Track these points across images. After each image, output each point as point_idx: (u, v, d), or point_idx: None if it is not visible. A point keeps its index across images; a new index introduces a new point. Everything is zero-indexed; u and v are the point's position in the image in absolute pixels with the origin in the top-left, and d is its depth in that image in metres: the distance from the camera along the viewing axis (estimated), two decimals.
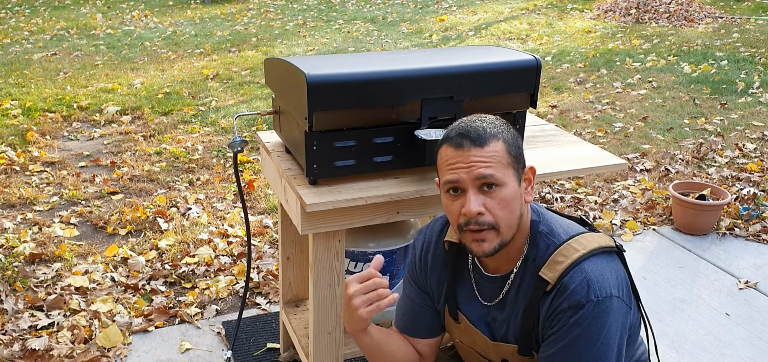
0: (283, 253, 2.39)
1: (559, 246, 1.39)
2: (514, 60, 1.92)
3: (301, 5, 11.43)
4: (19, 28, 9.15)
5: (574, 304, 1.32)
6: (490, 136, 1.36)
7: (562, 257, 1.37)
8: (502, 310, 1.46)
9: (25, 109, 5.49)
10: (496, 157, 1.35)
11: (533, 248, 1.42)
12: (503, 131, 1.38)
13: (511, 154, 1.37)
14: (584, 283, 1.32)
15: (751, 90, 6.19)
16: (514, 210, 1.37)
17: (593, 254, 1.37)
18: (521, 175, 1.40)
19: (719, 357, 2.65)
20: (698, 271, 3.27)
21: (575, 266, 1.35)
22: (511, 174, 1.37)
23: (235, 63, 7.30)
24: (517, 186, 1.38)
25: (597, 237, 1.42)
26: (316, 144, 1.77)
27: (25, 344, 2.56)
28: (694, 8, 10.04)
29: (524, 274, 1.42)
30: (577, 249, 1.37)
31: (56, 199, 3.90)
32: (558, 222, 1.45)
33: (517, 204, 1.38)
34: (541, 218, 1.45)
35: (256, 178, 4.19)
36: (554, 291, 1.36)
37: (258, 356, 2.61)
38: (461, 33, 9.10)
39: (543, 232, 1.42)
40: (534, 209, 1.46)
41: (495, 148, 1.35)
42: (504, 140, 1.37)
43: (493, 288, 1.48)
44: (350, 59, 1.94)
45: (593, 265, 1.35)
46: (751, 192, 3.99)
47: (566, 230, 1.43)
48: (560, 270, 1.36)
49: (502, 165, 1.35)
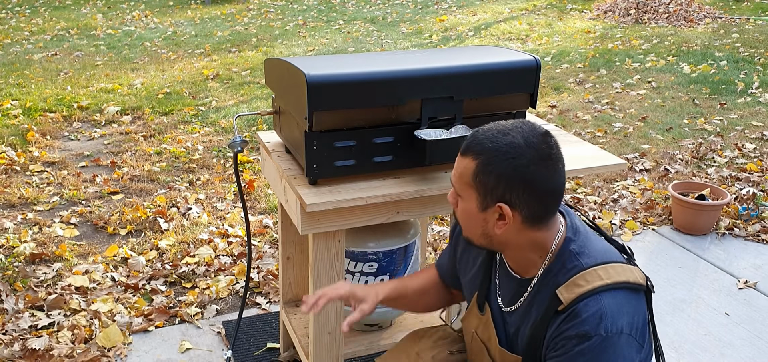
0: (283, 253, 2.39)
1: (584, 269, 1.34)
2: (513, 60, 1.92)
3: (301, 5, 11.43)
4: (20, 29, 9.15)
5: (582, 334, 1.28)
6: (469, 151, 1.35)
7: (583, 282, 1.33)
8: (516, 317, 1.45)
9: (25, 109, 5.49)
10: (461, 171, 1.37)
11: (558, 262, 1.37)
12: (496, 157, 1.31)
13: (477, 178, 1.33)
14: (597, 315, 1.28)
15: (751, 90, 6.19)
16: (472, 226, 1.39)
17: (616, 287, 1.32)
18: (489, 205, 1.34)
19: (719, 357, 2.66)
20: (698, 271, 3.27)
21: (593, 295, 1.30)
22: (472, 196, 1.35)
23: (235, 63, 7.31)
24: (476, 210, 1.36)
25: (627, 270, 1.36)
26: (316, 144, 1.78)
27: (25, 344, 2.56)
28: (694, 8, 10.05)
29: (542, 286, 1.39)
30: (600, 278, 1.32)
31: (57, 199, 3.91)
32: (593, 244, 1.39)
33: (477, 225, 1.38)
34: (577, 236, 1.39)
35: (257, 178, 4.19)
36: (565, 314, 1.32)
37: (258, 356, 2.61)
38: (461, 33, 9.11)
39: (573, 251, 1.37)
40: (571, 225, 1.41)
41: (465, 163, 1.36)
42: (480, 163, 1.33)
43: (512, 290, 1.46)
44: (350, 59, 1.94)
45: (611, 299, 1.30)
46: (751, 192, 4.00)
47: (598, 255, 1.37)
48: (577, 294, 1.32)
49: (463, 181, 1.36)
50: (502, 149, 1.31)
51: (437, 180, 1.91)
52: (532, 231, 1.36)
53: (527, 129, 1.33)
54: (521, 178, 1.30)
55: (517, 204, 1.32)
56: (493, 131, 1.34)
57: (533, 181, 1.30)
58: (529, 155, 1.30)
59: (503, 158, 1.31)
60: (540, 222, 1.35)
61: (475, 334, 1.56)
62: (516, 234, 1.36)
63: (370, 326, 2.27)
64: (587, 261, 1.35)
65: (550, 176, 1.32)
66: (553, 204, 1.35)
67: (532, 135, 1.32)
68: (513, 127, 1.34)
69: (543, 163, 1.30)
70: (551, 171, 1.32)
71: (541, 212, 1.34)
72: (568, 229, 1.40)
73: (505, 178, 1.31)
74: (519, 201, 1.32)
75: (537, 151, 1.30)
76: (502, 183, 1.31)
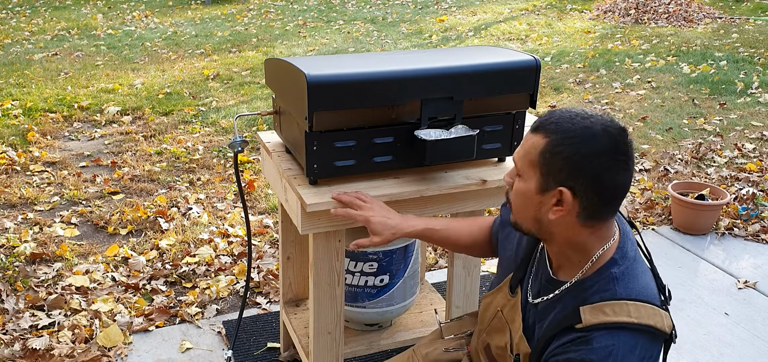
0: (284, 253, 2.40)
1: (616, 299, 1.29)
2: (513, 60, 1.93)
3: (301, 6, 11.44)
4: (20, 29, 9.15)
5: (587, 359, 1.25)
6: (543, 129, 1.29)
7: (610, 312, 1.27)
8: (537, 312, 1.43)
9: (25, 109, 5.50)
10: (528, 148, 1.31)
11: (594, 278, 1.33)
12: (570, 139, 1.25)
13: (543, 156, 1.28)
14: (607, 350, 1.24)
15: (750, 90, 6.20)
16: (525, 208, 1.34)
17: (639, 329, 1.26)
18: (550, 188, 1.29)
19: (719, 357, 2.66)
20: (697, 271, 3.27)
21: (614, 329, 1.25)
22: (534, 175, 1.30)
23: (235, 63, 7.31)
24: (534, 191, 1.31)
25: (658, 314, 1.29)
26: (317, 144, 1.78)
27: (25, 343, 2.57)
28: (694, 9, 10.05)
29: (571, 294, 1.35)
30: (629, 314, 1.27)
31: (57, 199, 3.91)
32: (636, 276, 1.33)
33: (531, 207, 1.32)
34: (623, 261, 1.33)
35: (257, 178, 4.19)
36: (577, 335, 1.28)
37: (258, 355, 2.61)
38: (461, 33, 9.11)
39: (613, 275, 1.31)
40: (622, 247, 1.35)
41: (534, 140, 1.30)
42: (551, 142, 1.27)
43: (543, 285, 1.43)
44: (350, 59, 1.95)
45: (629, 340, 1.25)
46: (750, 192, 4.00)
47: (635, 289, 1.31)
48: (600, 320, 1.27)
49: (527, 159, 1.31)
50: (577, 132, 1.25)
51: (437, 180, 1.92)
52: (583, 227, 1.31)
53: (607, 120, 1.27)
54: (590, 167, 1.24)
55: (578, 193, 1.26)
56: (572, 113, 1.29)
57: (601, 173, 1.24)
58: (604, 145, 1.24)
59: (577, 141, 1.25)
60: (595, 219, 1.30)
61: (500, 313, 1.52)
62: (568, 226, 1.31)
63: (370, 326, 2.28)
64: (622, 292, 1.30)
65: (619, 174, 1.26)
66: (613, 204, 1.30)
67: (612, 127, 1.26)
68: (592, 114, 1.29)
69: (615, 158, 1.25)
70: (621, 169, 1.26)
71: (599, 209, 1.29)
72: (617, 250, 1.34)
73: (574, 162, 1.25)
74: (581, 190, 1.26)
75: (614, 143, 1.25)
76: (568, 167, 1.25)
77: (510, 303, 1.50)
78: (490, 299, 1.57)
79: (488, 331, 1.57)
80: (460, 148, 1.83)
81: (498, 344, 1.52)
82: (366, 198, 1.76)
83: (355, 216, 1.73)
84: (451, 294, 2.18)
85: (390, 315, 2.23)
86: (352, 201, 1.76)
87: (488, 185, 1.94)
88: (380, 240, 1.71)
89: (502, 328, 1.52)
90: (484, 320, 1.60)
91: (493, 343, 1.55)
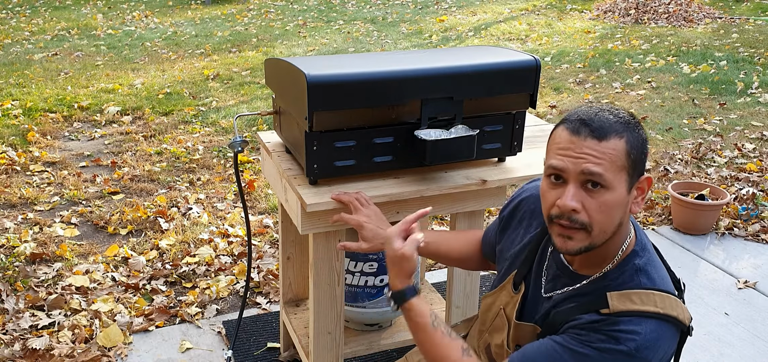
0: (284, 253, 2.40)
1: (643, 288, 1.29)
2: (513, 60, 1.93)
3: (301, 6, 11.44)
4: (20, 29, 9.16)
5: (613, 336, 1.25)
6: (613, 132, 1.23)
7: (638, 300, 1.28)
8: (551, 302, 1.41)
9: (25, 109, 5.50)
10: (611, 156, 1.23)
11: (618, 271, 1.32)
12: (630, 130, 1.25)
13: (629, 157, 1.24)
14: (634, 334, 1.24)
15: (750, 90, 6.20)
16: (613, 218, 1.27)
17: (665, 320, 1.27)
18: (634, 183, 1.28)
19: (718, 357, 2.66)
20: (697, 271, 3.27)
21: (642, 316, 1.26)
22: (623, 179, 1.25)
23: (235, 63, 7.31)
24: (625, 194, 1.26)
25: (679, 306, 1.31)
26: (316, 144, 1.78)
27: (25, 343, 2.57)
28: (694, 9, 10.05)
29: (593, 287, 1.34)
30: (656, 305, 1.28)
31: (57, 199, 3.91)
32: (657, 268, 1.35)
33: (620, 212, 1.27)
34: (644, 253, 1.35)
35: (257, 178, 4.20)
36: (603, 317, 1.27)
37: (258, 355, 2.62)
38: (461, 33, 9.11)
39: (638, 266, 1.32)
40: (640, 240, 1.37)
41: (614, 145, 1.23)
42: (627, 140, 1.24)
43: (560, 280, 1.41)
44: (350, 59, 1.95)
45: (655, 328, 1.26)
46: (750, 192, 4.00)
47: (659, 281, 1.32)
48: (628, 308, 1.27)
49: (615, 166, 1.23)
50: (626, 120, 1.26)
51: (437, 180, 1.92)
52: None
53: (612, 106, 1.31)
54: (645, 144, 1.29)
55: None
56: (598, 110, 1.28)
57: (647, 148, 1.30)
58: (636, 123, 1.28)
59: (634, 129, 1.26)
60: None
61: (502, 311, 1.51)
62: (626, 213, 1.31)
63: (370, 326, 2.28)
64: (647, 282, 1.30)
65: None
66: None
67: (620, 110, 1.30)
68: (604, 105, 1.30)
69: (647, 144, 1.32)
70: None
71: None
72: (637, 243, 1.35)
73: (644, 147, 1.28)
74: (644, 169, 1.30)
75: (636, 120, 1.30)
76: (644, 155, 1.28)
77: (513, 301, 1.50)
78: (492, 299, 1.56)
79: (490, 331, 1.56)
80: (460, 148, 1.83)
81: (497, 343, 1.52)
82: (364, 202, 1.77)
83: (348, 221, 1.76)
84: (451, 294, 2.18)
85: (390, 315, 2.24)
86: (351, 201, 1.77)
87: (488, 185, 1.94)
88: (368, 247, 1.74)
89: (503, 326, 1.51)
90: (486, 320, 1.58)
91: (494, 343, 1.54)
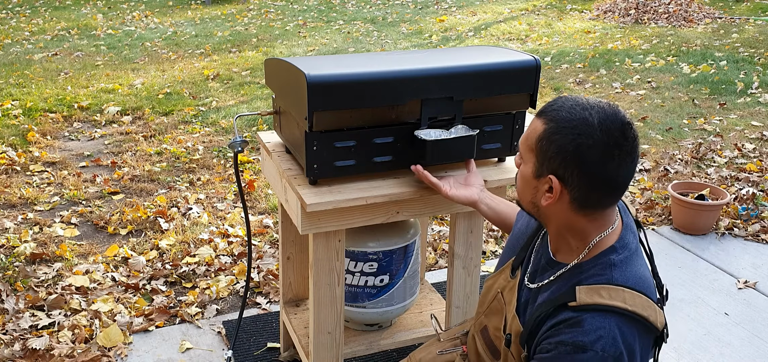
0: (284, 253, 2.40)
1: (612, 284, 1.28)
2: (513, 60, 1.93)
3: (301, 6, 11.44)
4: (20, 29, 9.15)
5: (578, 344, 1.24)
6: (542, 114, 1.32)
7: (606, 294, 1.27)
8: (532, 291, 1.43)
9: (25, 109, 5.50)
10: (528, 133, 1.34)
11: (592, 263, 1.33)
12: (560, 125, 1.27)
13: (539, 143, 1.30)
14: (598, 332, 1.23)
15: (750, 90, 6.20)
16: (523, 191, 1.39)
17: (632, 318, 1.26)
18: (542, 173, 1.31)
19: (718, 357, 2.66)
20: (697, 271, 3.27)
21: (608, 312, 1.25)
22: (531, 160, 1.33)
23: (235, 63, 7.31)
24: (530, 174, 1.34)
25: (652, 308, 1.29)
26: (317, 144, 1.78)
27: (25, 343, 2.57)
28: (694, 9, 10.05)
29: (568, 277, 1.35)
30: (624, 301, 1.26)
31: (57, 199, 3.91)
32: (634, 267, 1.33)
33: (528, 189, 1.36)
34: (623, 250, 1.33)
35: (257, 178, 4.19)
36: (569, 316, 1.27)
37: (258, 355, 2.62)
38: (461, 33, 9.11)
39: (611, 261, 1.31)
40: (623, 238, 1.35)
41: (534, 125, 1.33)
42: (547, 129, 1.29)
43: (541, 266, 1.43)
44: (350, 59, 1.95)
45: (621, 325, 1.24)
46: (750, 192, 4.00)
47: (632, 279, 1.30)
48: (594, 301, 1.26)
49: (527, 144, 1.34)
50: (573, 122, 1.26)
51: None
52: (578, 214, 1.32)
53: (609, 112, 1.27)
54: (580, 158, 1.25)
55: (568, 182, 1.28)
56: (573, 102, 1.30)
57: (591, 164, 1.25)
58: (597, 138, 1.24)
59: (570, 131, 1.26)
60: (589, 208, 1.31)
61: (500, 295, 1.53)
62: (561, 212, 1.33)
63: (370, 326, 2.28)
64: (618, 278, 1.29)
65: (614, 167, 1.25)
66: (609, 196, 1.30)
67: (611, 120, 1.26)
68: (595, 104, 1.28)
69: (610, 152, 1.24)
70: (616, 162, 1.25)
71: (592, 200, 1.29)
72: (619, 240, 1.34)
73: (565, 152, 1.26)
74: (571, 180, 1.28)
75: (609, 136, 1.24)
76: (560, 156, 1.27)
77: (510, 285, 1.51)
78: (492, 281, 1.59)
79: (487, 313, 1.58)
80: (460, 148, 1.84)
81: (495, 325, 1.53)
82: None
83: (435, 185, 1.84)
84: (451, 294, 2.18)
85: (390, 315, 2.24)
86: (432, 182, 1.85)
87: (488, 185, 1.94)
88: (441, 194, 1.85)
89: (501, 310, 1.52)
90: (484, 302, 1.60)
91: (491, 325, 1.55)
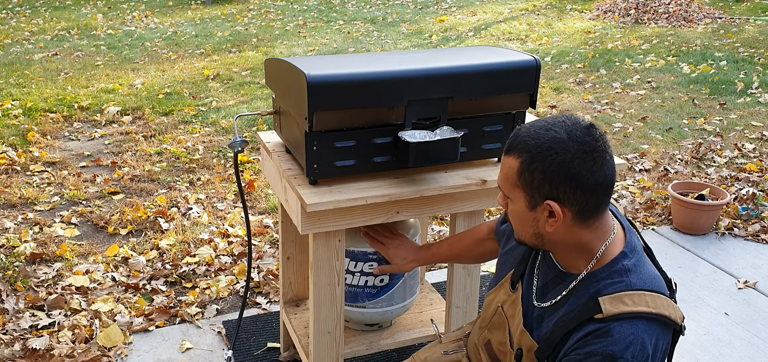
0: (284, 253, 2.40)
1: (633, 289, 1.31)
2: (513, 60, 1.93)
3: (301, 6, 11.44)
4: (20, 29, 9.15)
5: (609, 354, 1.26)
6: (511, 150, 1.33)
7: (630, 302, 1.30)
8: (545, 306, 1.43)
9: (26, 109, 5.50)
10: (506, 172, 1.35)
11: (605, 271, 1.35)
12: (538, 153, 1.29)
13: (521, 177, 1.32)
14: (628, 340, 1.26)
15: (750, 90, 6.20)
16: (523, 228, 1.38)
17: (656, 319, 1.30)
18: (537, 203, 1.32)
19: (718, 357, 2.66)
20: (697, 271, 3.27)
21: (634, 319, 1.28)
22: (520, 195, 1.34)
23: (235, 63, 7.31)
24: (524, 209, 1.34)
25: (670, 305, 1.34)
26: (316, 144, 1.78)
27: (25, 343, 2.57)
28: (694, 8, 10.05)
29: (582, 287, 1.36)
30: (647, 305, 1.30)
31: (57, 199, 3.91)
32: (646, 268, 1.37)
33: (527, 224, 1.36)
34: (633, 254, 1.37)
35: (257, 178, 4.20)
36: (597, 328, 1.29)
37: (258, 355, 2.62)
38: (461, 33, 9.11)
39: (625, 267, 1.34)
40: (630, 241, 1.39)
41: (509, 163, 1.34)
42: (523, 161, 1.31)
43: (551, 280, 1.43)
44: (350, 59, 1.95)
45: (647, 329, 1.28)
46: (750, 192, 4.00)
47: (648, 280, 1.34)
48: (620, 310, 1.28)
49: (508, 182, 1.35)
50: (544, 145, 1.29)
51: (437, 180, 1.92)
52: (582, 229, 1.33)
53: (570, 123, 1.31)
54: (566, 174, 1.28)
55: (565, 201, 1.30)
56: (535, 127, 1.32)
57: (579, 175, 1.28)
58: (572, 149, 1.27)
59: (547, 154, 1.28)
60: (590, 218, 1.32)
61: (500, 309, 1.54)
62: (567, 232, 1.34)
63: (370, 326, 2.28)
64: (637, 282, 1.32)
65: (597, 169, 1.28)
66: (603, 198, 1.32)
67: (575, 128, 1.29)
68: (554, 121, 1.31)
69: (588, 157, 1.28)
70: (598, 164, 1.28)
71: (591, 207, 1.31)
72: (626, 244, 1.37)
73: (550, 174, 1.28)
74: (567, 197, 1.29)
75: (581, 144, 1.28)
76: (547, 181, 1.29)
77: (510, 299, 1.52)
78: (493, 296, 1.59)
79: (489, 327, 1.58)
80: (443, 150, 1.82)
81: (499, 340, 1.53)
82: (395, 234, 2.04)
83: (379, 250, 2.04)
84: (451, 294, 2.18)
85: (390, 315, 2.24)
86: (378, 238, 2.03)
87: (488, 185, 1.94)
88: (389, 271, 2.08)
89: (503, 324, 1.53)
90: (486, 316, 1.61)
91: (494, 339, 1.56)
